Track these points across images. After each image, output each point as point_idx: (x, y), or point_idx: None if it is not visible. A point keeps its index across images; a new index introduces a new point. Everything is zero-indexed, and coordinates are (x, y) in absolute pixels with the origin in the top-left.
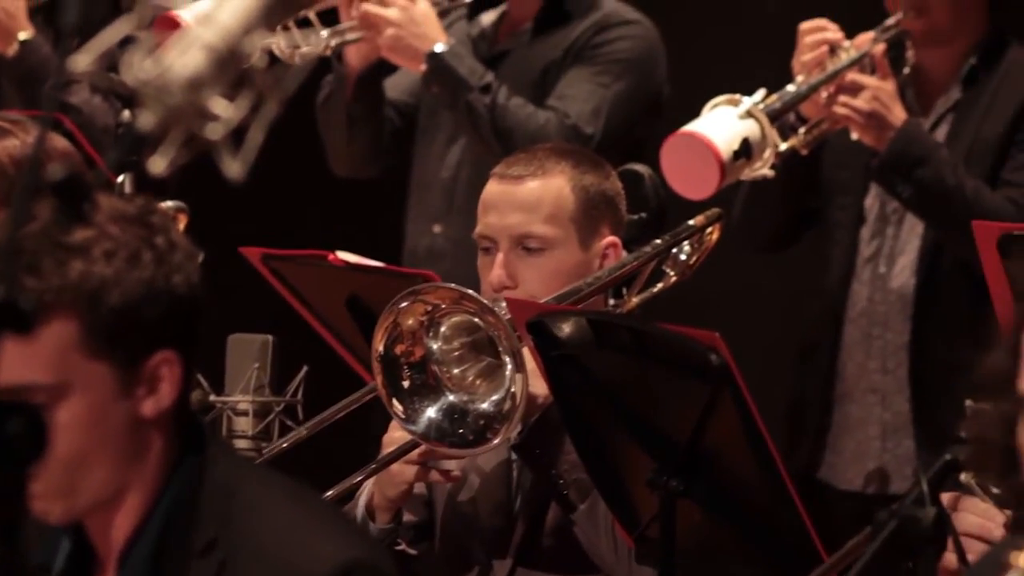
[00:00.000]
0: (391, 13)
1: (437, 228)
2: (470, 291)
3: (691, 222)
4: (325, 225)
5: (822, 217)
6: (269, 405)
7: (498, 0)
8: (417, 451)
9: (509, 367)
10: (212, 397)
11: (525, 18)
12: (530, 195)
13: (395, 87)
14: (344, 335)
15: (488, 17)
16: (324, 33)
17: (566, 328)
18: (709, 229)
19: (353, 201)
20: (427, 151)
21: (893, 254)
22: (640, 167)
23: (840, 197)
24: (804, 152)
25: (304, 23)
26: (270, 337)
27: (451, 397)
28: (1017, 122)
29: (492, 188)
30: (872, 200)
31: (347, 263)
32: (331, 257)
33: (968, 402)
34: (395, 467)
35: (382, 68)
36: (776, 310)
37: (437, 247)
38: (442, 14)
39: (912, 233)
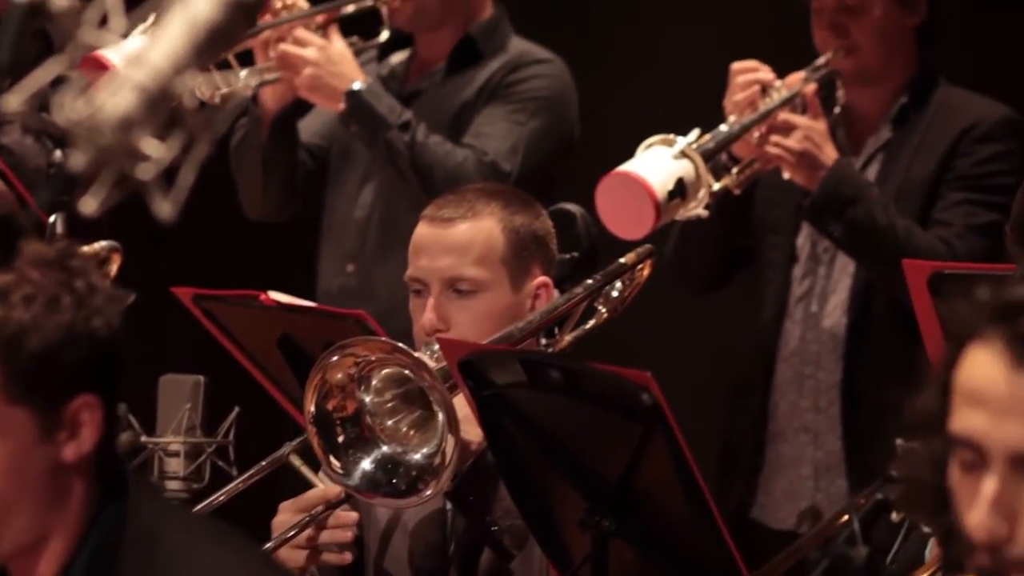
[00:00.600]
0: (309, 53)
1: (350, 267)
2: (400, 344)
3: (622, 260)
4: (239, 265)
5: (754, 256)
6: (201, 446)
7: (407, 41)
8: (304, 535)
9: (441, 419)
10: (143, 438)
11: (437, 58)
12: (460, 238)
13: (307, 129)
14: (276, 375)
15: (398, 58)
16: (243, 74)
17: (498, 368)
18: (640, 266)
19: (265, 241)
20: (340, 191)
21: (825, 293)
22: (572, 206)
23: (772, 236)
24: (737, 192)
25: (222, 65)
26: (201, 378)
27: (385, 449)
28: (947, 161)
29: (422, 231)
30: (804, 239)
31: (279, 303)
32: (263, 297)
33: (899, 441)
34: (283, 552)
35: (297, 110)
36: (709, 349)
37: (351, 286)
38: (354, 55)
39: (843, 272)
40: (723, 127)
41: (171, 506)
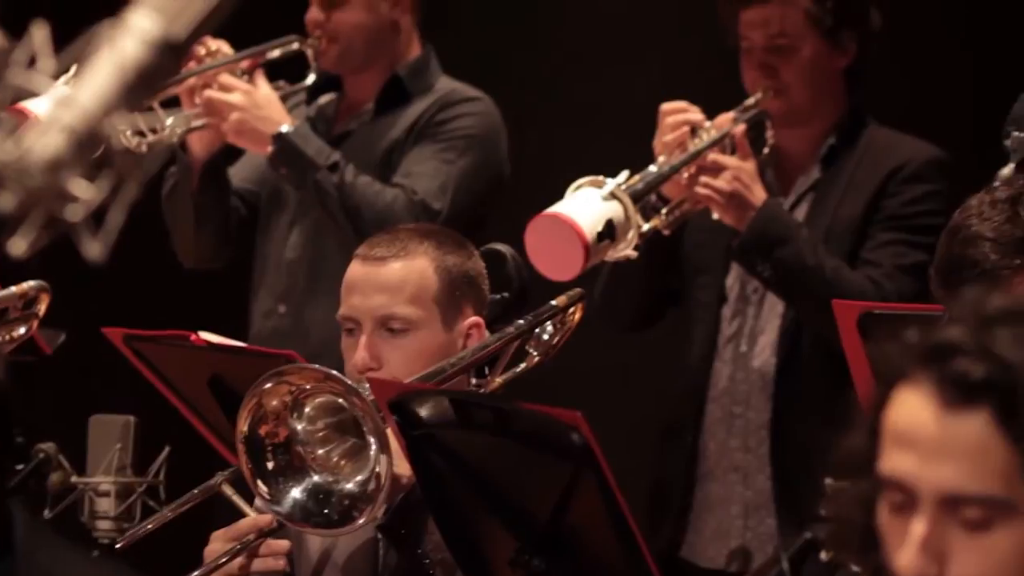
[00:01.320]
0: (234, 98)
1: (282, 308)
2: (334, 372)
3: (554, 302)
4: (173, 308)
5: (684, 296)
6: (131, 486)
7: (335, 84)
8: (235, 563)
9: (374, 448)
10: (74, 478)
11: (365, 99)
12: (393, 276)
13: (237, 176)
14: (207, 415)
15: (326, 99)
16: (169, 120)
17: (428, 407)
18: (572, 309)
19: (199, 284)
20: (270, 235)
21: (754, 333)
22: (502, 247)
23: (702, 276)
24: (666, 232)
25: (149, 111)
26: (132, 418)
27: (316, 478)
28: (876, 201)
29: (355, 269)
30: (733, 279)
31: (209, 343)
32: (193, 337)
33: (828, 481)
34: None
35: (226, 156)
36: (640, 388)
37: (282, 328)
38: (282, 99)
39: (773, 312)
40: (652, 168)
41: (71, 553)
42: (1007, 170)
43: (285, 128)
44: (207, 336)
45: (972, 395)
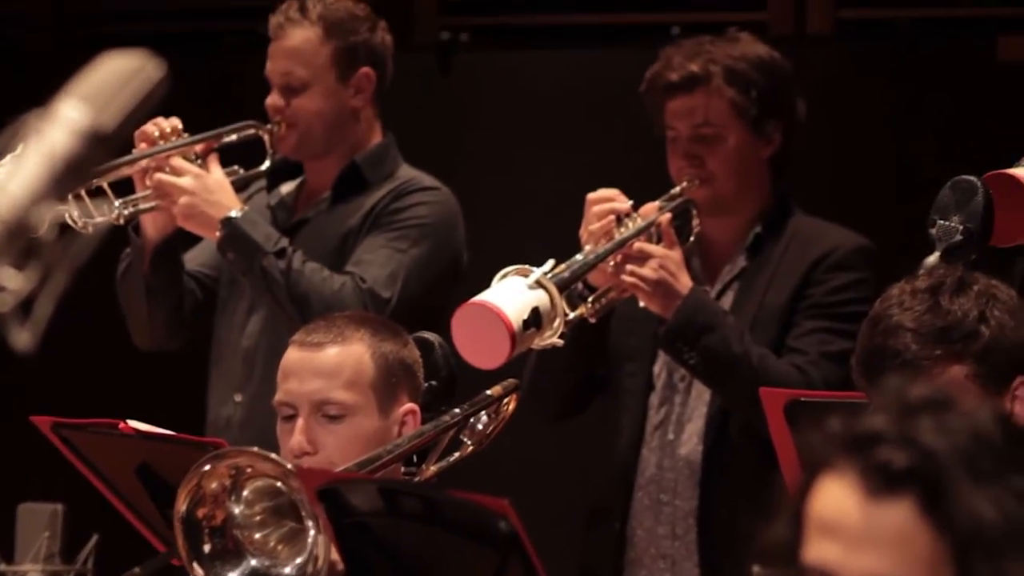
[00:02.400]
0: (184, 181)
1: (238, 397)
2: (273, 455)
3: (489, 392)
4: (129, 396)
5: (610, 384)
6: (60, 574)
7: (297, 171)
8: None
9: (311, 532)
10: (2, 566)
11: (324, 186)
12: (330, 362)
13: (195, 259)
14: (135, 503)
15: (287, 187)
16: (117, 203)
17: (357, 495)
18: (507, 399)
19: (157, 372)
20: (228, 321)
21: (681, 421)
22: (430, 335)
23: (628, 364)
24: (592, 320)
25: (98, 192)
26: (60, 506)
27: (253, 562)
28: (801, 289)
29: (292, 355)
30: (660, 367)
31: (137, 431)
32: (121, 426)
33: (756, 569)
34: None
35: (178, 239)
36: (566, 476)
37: (238, 417)
38: (243, 185)
39: (699, 400)
40: (579, 257)
41: None
42: (932, 258)
43: (234, 213)
44: (135, 424)
45: (895, 483)
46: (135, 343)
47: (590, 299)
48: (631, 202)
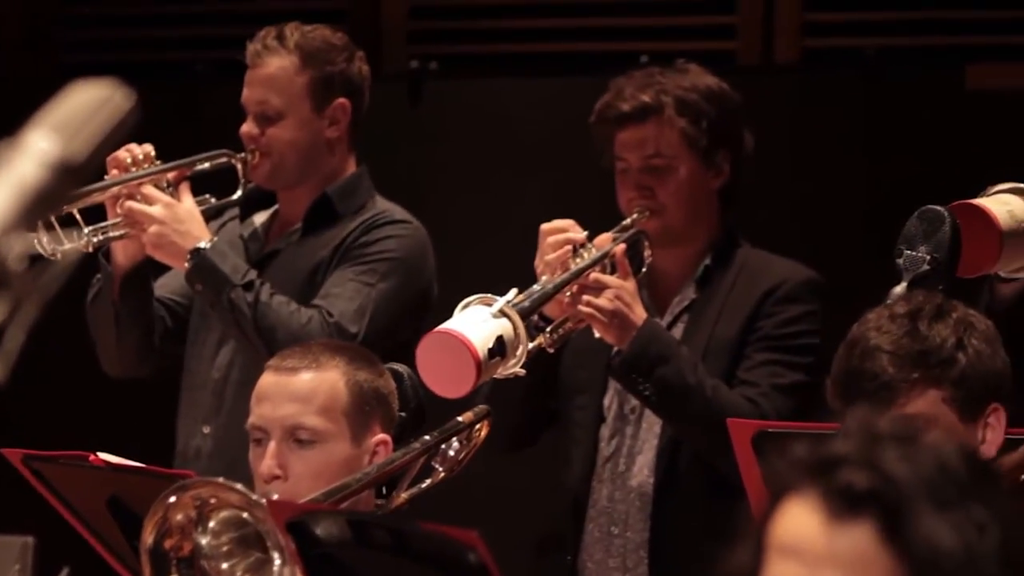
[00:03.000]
0: (155, 210)
1: (206, 429)
2: (239, 485)
3: (460, 419)
4: (98, 425)
5: (560, 417)
6: None
7: (270, 200)
8: None
9: (277, 562)
10: None
11: (296, 218)
12: (304, 387)
13: (166, 286)
14: (105, 536)
15: (260, 218)
16: (87, 230)
17: (326, 527)
18: (478, 426)
19: (127, 401)
20: (198, 352)
21: (632, 453)
22: (399, 366)
23: (579, 397)
24: (551, 351)
25: (68, 219)
26: (31, 538)
27: None
28: (751, 322)
29: (266, 379)
30: (610, 399)
31: (108, 464)
32: (92, 458)
33: None
34: None
35: (148, 267)
36: (533, 507)
37: (207, 448)
38: (216, 214)
39: (650, 432)
40: (537, 287)
41: None
42: (899, 288)
43: (203, 244)
44: (105, 456)
45: (857, 506)
46: (105, 370)
47: (548, 329)
48: (585, 232)
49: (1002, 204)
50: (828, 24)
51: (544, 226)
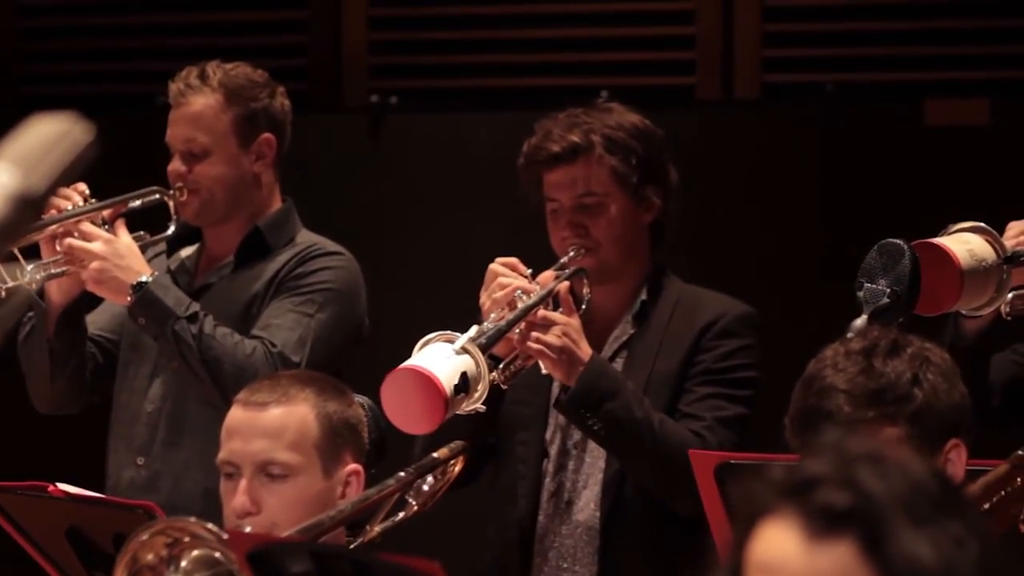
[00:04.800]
0: (95, 246)
1: (140, 460)
2: (210, 524)
3: (436, 455)
4: (26, 460)
5: (501, 453)
6: None
7: (196, 236)
8: None
9: None
10: None
11: (225, 252)
12: (274, 422)
13: (95, 323)
14: (65, 566)
15: (187, 252)
16: (29, 267)
17: (288, 559)
18: (453, 461)
19: (55, 433)
20: (129, 385)
21: (577, 487)
22: (361, 398)
23: (521, 433)
24: (505, 387)
25: (8, 258)
26: None
27: None
28: (691, 356)
29: (235, 414)
30: (552, 434)
31: (67, 494)
32: (51, 488)
33: None
34: None
35: (83, 304)
36: (467, 539)
37: (140, 480)
38: (142, 249)
39: (594, 467)
40: (489, 324)
41: None
42: (860, 321)
43: (145, 278)
44: (65, 487)
45: (836, 525)
46: (35, 406)
47: (501, 366)
48: (530, 271)
49: (962, 243)
50: (787, 59)
51: (493, 265)
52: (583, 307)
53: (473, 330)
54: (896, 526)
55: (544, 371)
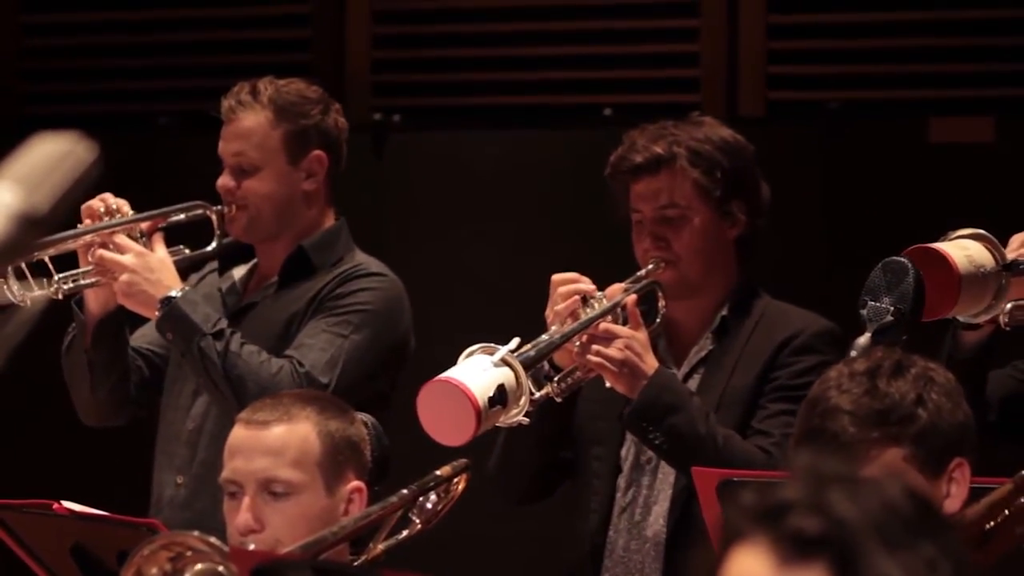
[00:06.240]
0: (126, 259)
1: (179, 479)
2: (213, 538)
3: (438, 472)
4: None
5: (577, 468)
6: None
7: (250, 254)
8: None
9: None
10: None
11: (273, 271)
12: (276, 440)
13: (144, 336)
14: None
15: (239, 271)
16: (57, 277)
17: (290, 575)
18: (456, 479)
19: (104, 451)
20: (173, 402)
21: (648, 503)
22: (364, 416)
23: (596, 448)
24: (559, 400)
25: (40, 267)
26: None
27: None
28: (767, 372)
29: (238, 433)
30: (627, 450)
31: (72, 511)
32: (56, 506)
33: None
34: None
35: (122, 316)
36: (535, 559)
37: (179, 499)
38: (190, 265)
39: (665, 482)
40: (544, 336)
41: None
42: (863, 339)
43: (174, 293)
44: (69, 505)
45: (807, 551)
46: (81, 418)
47: (556, 379)
48: (595, 285)
49: (961, 249)
50: (791, 77)
51: (555, 276)
52: (657, 321)
53: (514, 343)
54: (868, 551)
55: (608, 385)
